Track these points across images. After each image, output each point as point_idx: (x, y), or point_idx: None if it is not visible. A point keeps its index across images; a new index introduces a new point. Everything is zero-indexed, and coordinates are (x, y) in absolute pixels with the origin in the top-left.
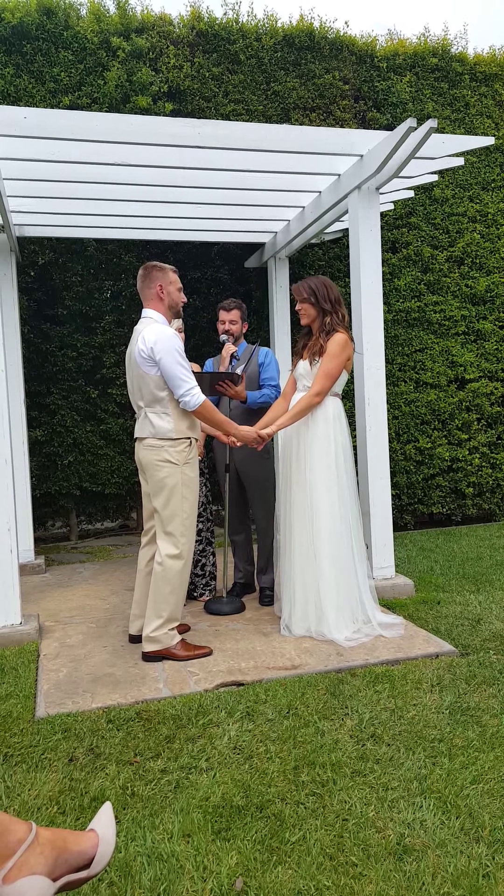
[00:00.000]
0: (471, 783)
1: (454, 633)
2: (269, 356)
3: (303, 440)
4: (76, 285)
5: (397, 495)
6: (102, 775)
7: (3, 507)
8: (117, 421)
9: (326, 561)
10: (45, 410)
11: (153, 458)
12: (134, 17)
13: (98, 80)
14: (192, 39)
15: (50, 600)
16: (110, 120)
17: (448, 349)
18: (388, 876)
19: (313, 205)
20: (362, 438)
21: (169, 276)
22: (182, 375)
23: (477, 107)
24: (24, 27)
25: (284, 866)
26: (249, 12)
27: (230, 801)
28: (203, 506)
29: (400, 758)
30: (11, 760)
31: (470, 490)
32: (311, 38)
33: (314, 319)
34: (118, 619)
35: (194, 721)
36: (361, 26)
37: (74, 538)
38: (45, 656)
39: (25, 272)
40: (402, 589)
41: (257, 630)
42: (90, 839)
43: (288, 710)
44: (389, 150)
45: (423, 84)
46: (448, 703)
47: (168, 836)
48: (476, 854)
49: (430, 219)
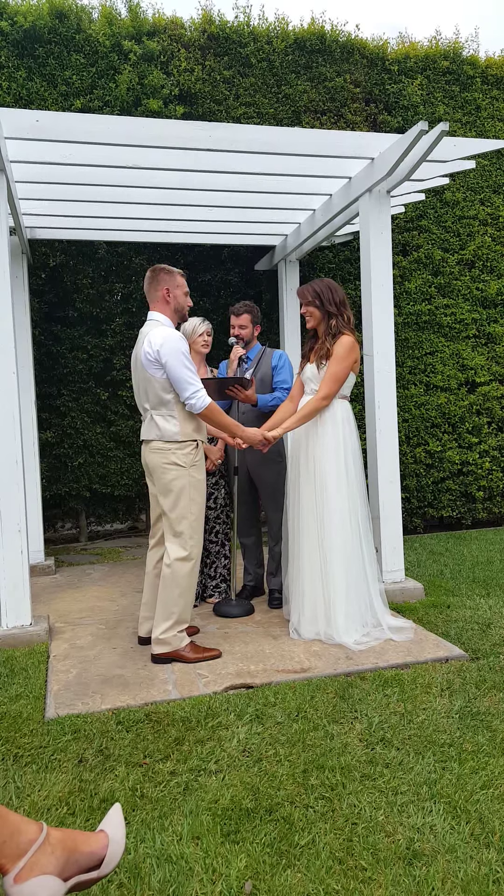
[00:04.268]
0: (481, 788)
1: (464, 637)
2: (283, 359)
3: (311, 443)
4: (87, 287)
5: (407, 499)
6: (112, 777)
7: (14, 509)
8: (127, 423)
9: (336, 564)
10: (56, 412)
11: (160, 461)
12: (145, 20)
13: (109, 83)
14: (204, 42)
15: (60, 601)
16: (121, 123)
17: (459, 352)
18: (397, 881)
19: (324, 208)
20: (372, 441)
21: (176, 280)
22: (188, 378)
23: (489, 110)
24: (36, 30)
25: (293, 870)
26: (261, 15)
27: (239, 803)
28: (221, 508)
29: (409, 762)
30: (22, 761)
31: (480, 494)
32: (323, 42)
33: (320, 322)
34: (127, 620)
35: (203, 723)
36: (372, 29)
37: (84, 540)
38: (55, 657)
39: (36, 274)
40: (412, 593)
41: (266, 633)
42: (100, 840)
43: (297, 713)
44: (401, 153)
45: (435, 87)
46: (458, 707)
47: (177, 838)
48: (486, 860)
49: (440, 222)
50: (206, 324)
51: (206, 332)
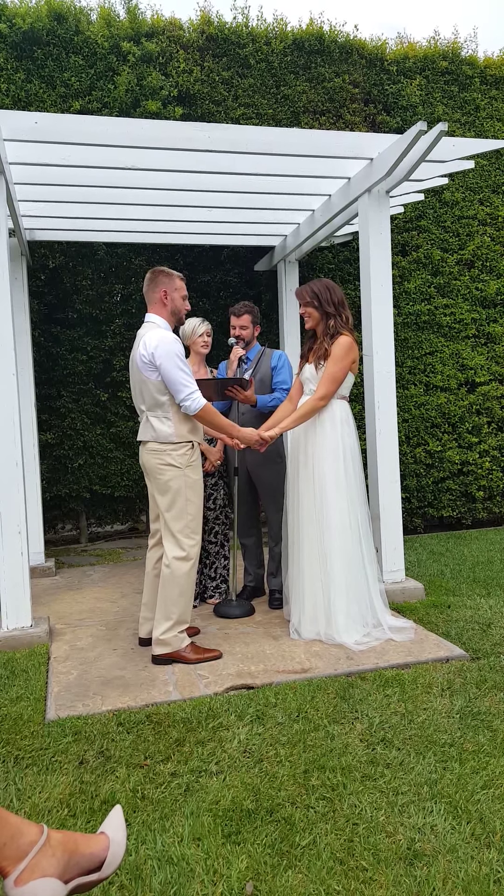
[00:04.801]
0: (481, 788)
1: (465, 637)
2: (283, 359)
3: (310, 443)
4: (86, 289)
5: (407, 499)
6: (113, 778)
7: (14, 510)
8: (127, 424)
9: (336, 564)
10: (56, 413)
11: (156, 462)
12: (144, 21)
13: (108, 84)
14: (202, 44)
15: (60, 603)
16: (120, 124)
17: (458, 352)
18: (398, 881)
19: (323, 208)
20: (372, 441)
21: (175, 283)
22: (182, 380)
23: (487, 110)
24: (35, 32)
25: (295, 870)
26: (259, 16)
27: (240, 804)
28: (220, 509)
29: (410, 762)
30: (22, 763)
31: (480, 494)
32: (321, 42)
33: (318, 323)
34: (128, 621)
35: (204, 724)
36: (371, 30)
37: (84, 541)
38: (56, 659)
39: (36, 276)
40: (413, 593)
41: (267, 633)
42: (101, 842)
43: (298, 713)
44: (399, 153)
45: (434, 87)
46: (458, 707)
47: (178, 839)
48: (487, 860)
49: (440, 222)
50: (205, 324)
51: (205, 333)
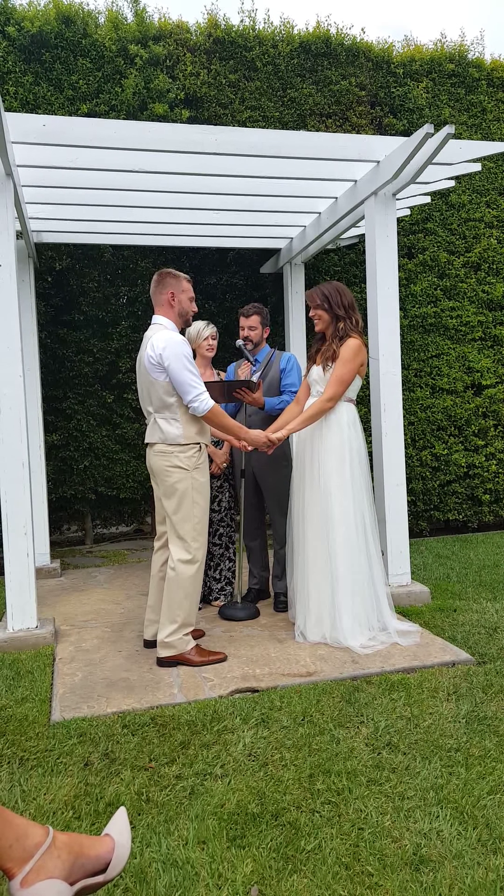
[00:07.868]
0: (488, 793)
1: (471, 641)
2: (292, 362)
3: (317, 446)
4: (93, 291)
5: (413, 502)
6: (117, 780)
7: (20, 511)
8: (133, 426)
9: (342, 567)
10: (62, 415)
11: (163, 464)
12: (151, 24)
13: (116, 87)
14: (209, 47)
15: (65, 604)
16: (128, 127)
17: (464, 355)
18: (404, 886)
19: (329, 211)
20: (378, 444)
21: (182, 285)
22: (190, 381)
23: (494, 112)
24: (43, 35)
25: (300, 875)
26: (266, 19)
27: (245, 808)
28: (225, 511)
29: (416, 767)
30: (27, 764)
31: (486, 497)
32: (328, 45)
33: (328, 325)
34: (133, 623)
35: (209, 727)
36: (377, 32)
37: (90, 542)
38: (61, 660)
39: (43, 278)
40: (418, 596)
41: (272, 636)
42: (106, 844)
43: (303, 717)
44: (406, 155)
45: (440, 90)
46: (464, 712)
47: (183, 842)
48: (493, 866)
49: (446, 224)
50: (210, 327)
51: (210, 336)
